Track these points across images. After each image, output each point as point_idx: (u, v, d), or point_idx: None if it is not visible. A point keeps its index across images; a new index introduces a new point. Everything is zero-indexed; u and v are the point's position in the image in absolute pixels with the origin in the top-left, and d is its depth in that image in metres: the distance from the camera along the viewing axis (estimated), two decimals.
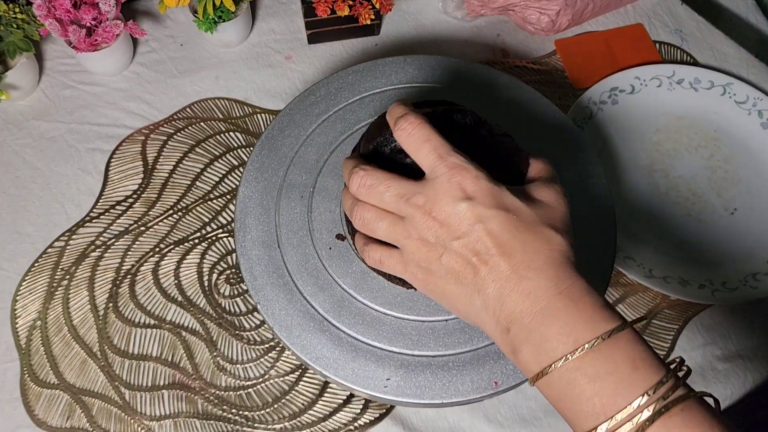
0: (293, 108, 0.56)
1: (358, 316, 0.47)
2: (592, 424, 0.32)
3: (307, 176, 0.52)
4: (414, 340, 0.46)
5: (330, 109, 0.55)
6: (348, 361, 0.45)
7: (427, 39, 0.75)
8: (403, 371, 0.45)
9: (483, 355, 0.45)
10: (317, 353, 0.46)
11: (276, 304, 0.47)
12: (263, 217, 0.51)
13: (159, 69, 0.72)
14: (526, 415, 0.55)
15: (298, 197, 0.51)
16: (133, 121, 0.69)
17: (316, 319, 0.47)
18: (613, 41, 0.75)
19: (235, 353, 0.57)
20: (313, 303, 0.47)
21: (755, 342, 0.59)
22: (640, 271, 0.60)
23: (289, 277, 0.48)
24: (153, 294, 0.59)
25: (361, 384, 0.45)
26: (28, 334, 0.57)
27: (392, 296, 0.47)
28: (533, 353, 0.34)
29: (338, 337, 0.46)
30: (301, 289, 0.48)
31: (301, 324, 0.47)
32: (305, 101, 0.56)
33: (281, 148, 0.54)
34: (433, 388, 0.44)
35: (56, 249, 0.61)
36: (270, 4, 0.77)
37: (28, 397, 0.55)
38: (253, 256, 0.49)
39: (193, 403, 0.55)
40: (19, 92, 0.68)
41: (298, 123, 0.55)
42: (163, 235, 0.62)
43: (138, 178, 0.65)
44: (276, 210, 0.51)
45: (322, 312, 0.47)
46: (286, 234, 0.50)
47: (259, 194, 0.52)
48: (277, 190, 0.52)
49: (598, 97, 0.69)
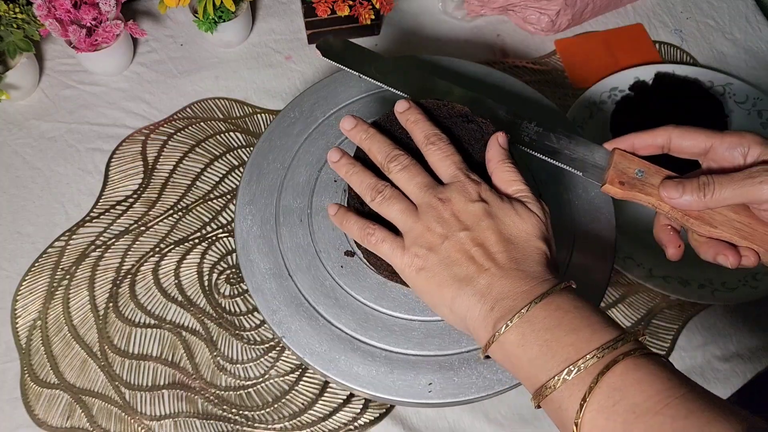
0: (272, 133, 0.54)
1: (385, 328, 0.46)
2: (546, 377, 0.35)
3: (301, 199, 0.51)
4: (446, 341, 0.46)
5: (309, 127, 0.54)
6: (386, 374, 0.45)
7: (427, 39, 0.75)
8: (441, 373, 0.45)
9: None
10: (353, 374, 0.45)
11: (301, 333, 0.46)
12: (266, 248, 0.49)
13: (159, 69, 0.72)
14: (526, 415, 0.55)
15: (297, 222, 0.50)
16: (133, 121, 0.69)
17: (344, 340, 0.46)
18: (612, 41, 0.75)
19: (235, 353, 0.57)
20: (338, 324, 0.46)
21: (755, 342, 0.59)
22: (640, 271, 0.60)
23: (308, 304, 0.47)
24: (153, 294, 0.59)
25: (406, 394, 0.44)
26: (29, 333, 0.57)
27: (414, 302, 0.47)
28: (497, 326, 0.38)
29: (371, 353, 0.45)
30: (322, 313, 0.47)
31: (331, 348, 0.46)
32: (282, 123, 0.55)
33: (268, 175, 0.52)
34: (477, 384, 0.44)
35: (56, 249, 0.61)
36: (270, 4, 0.77)
37: (29, 397, 0.55)
38: (266, 290, 0.48)
39: (193, 402, 0.55)
40: (20, 92, 0.68)
41: (279, 147, 0.54)
42: (164, 235, 0.62)
43: (138, 178, 0.65)
44: (278, 239, 0.50)
45: (349, 332, 0.46)
46: (294, 261, 0.49)
47: (258, 227, 0.50)
48: (273, 218, 0.51)
49: (598, 97, 0.69)
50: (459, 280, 0.39)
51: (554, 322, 0.36)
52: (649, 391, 0.32)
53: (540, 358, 0.35)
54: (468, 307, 0.38)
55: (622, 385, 0.33)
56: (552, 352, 0.35)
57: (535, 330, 0.36)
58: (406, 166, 0.43)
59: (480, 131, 0.46)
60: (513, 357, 0.37)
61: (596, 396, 0.33)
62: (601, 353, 0.34)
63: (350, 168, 0.45)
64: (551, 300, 0.37)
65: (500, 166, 0.43)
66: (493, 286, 0.38)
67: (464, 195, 0.41)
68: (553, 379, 0.34)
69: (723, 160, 0.42)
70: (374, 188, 0.43)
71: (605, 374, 0.33)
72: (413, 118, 0.45)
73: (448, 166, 0.43)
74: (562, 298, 0.37)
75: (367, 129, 0.45)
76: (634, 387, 0.33)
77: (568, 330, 0.36)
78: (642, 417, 0.32)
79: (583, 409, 0.33)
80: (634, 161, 0.44)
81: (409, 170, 0.43)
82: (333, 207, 0.45)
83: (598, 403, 0.33)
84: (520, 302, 0.37)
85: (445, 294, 0.39)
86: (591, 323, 0.36)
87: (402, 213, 0.42)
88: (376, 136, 0.45)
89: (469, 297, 0.38)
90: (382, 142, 0.44)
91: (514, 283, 0.38)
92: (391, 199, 0.42)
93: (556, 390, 0.34)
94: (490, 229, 0.40)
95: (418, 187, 0.42)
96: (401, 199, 0.42)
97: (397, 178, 0.43)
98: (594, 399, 0.33)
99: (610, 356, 0.34)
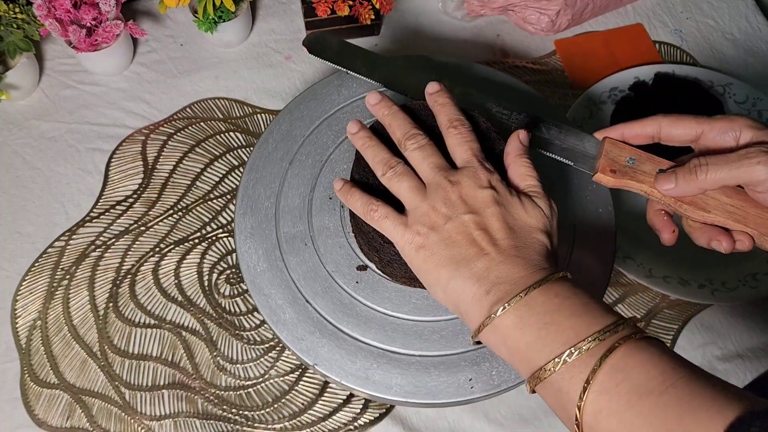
0: (256, 161, 0.54)
1: (414, 334, 0.46)
2: (543, 360, 0.35)
3: (300, 223, 0.51)
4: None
5: (291, 151, 0.54)
6: (431, 379, 0.45)
7: (427, 39, 0.75)
8: (477, 367, 0.45)
9: None
10: (394, 384, 0.45)
11: (333, 358, 0.46)
12: (277, 279, 0.49)
13: (159, 69, 0.72)
14: (526, 415, 0.55)
15: (302, 246, 0.50)
16: (133, 121, 0.69)
17: (377, 354, 0.46)
18: (612, 41, 0.75)
19: (235, 353, 0.57)
20: (368, 341, 0.47)
21: (755, 342, 0.59)
22: (640, 271, 0.60)
23: (333, 326, 0.47)
24: (153, 294, 0.59)
25: (452, 395, 0.45)
26: (29, 333, 0.57)
27: (436, 302, 0.47)
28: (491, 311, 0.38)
29: (408, 362, 0.46)
30: (348, 332, 0.47)
31: (368, 366, 0.46)
32: (264, 150, 0.54)
33: (261, 204, 0.52)
34: (511, 372, 0.45)
35: (56, 249, 0.61)
36: (270, 4, 0.77)
37: (28, 397, 0.55)
38: (287, 321, 0.47)
39: (193, 402, 0.55)
40: (20, 92, 0.68)
41: (266, 173, 0.53)
42: (164, 235, 0.62)
43: (138, 178, 0.65)
44: (286, 267, 0.49)
45: (381, 345, 0.46)
46: (308, 286, 0.48)
47: (263, 259, 0.49)
48: (277, 248, 0.50)
49: (598, 97, 0.69)
50: (456, 262, 0.39)
51: (553, 307, 0.36)
52: (653, 372, 0.33)
53: (539, 341, 0.36)
54: (463, 289, 0.39)
55: (625, 366, 0.33)
56: (551, 335, 0.35)
57: (534, 314, 0.36)
58: (422, 145, 0.43)
59: (474, 124, 0.46)
60: (509, 340, 0.37)
61: (599, 377, 0.33)
62: (602, 336, 0.34)
63: (367, 141, 0.45)
64: (550, 287, 0.37)
65: (517, 160, 0.43)
66: (491, 270, 0.38)
67: (475, 180, 0.41)
68: (553, 361, 0.34)
69: (714, 144, 0.42)
70: (387, 163, 0.44)
71: (608, 356, 0.33)
72: (441, 101, 0.46)
73: (465, 151, 0.43)
74: (561, 285, 0.37)
75: (390, 105, 0.46)
76: (637, 368, 0.33)
77: (567, 315, 0.36)
78: (646, 397, 0.32)
79: (586, 391, 0.33)
80: (625, 149, 0.45)
81: (424, 149, 0.43)
82: (339, 182, 0.46)
83: (600, 385, 0.33)
84: (518, 287, 0.37)
85: (442, 274, 0.39)
86: (590, 309, 0.36)
87: (411, 190, 0.42)
88: (398, 113, 0.46)
89: (465, 279, 0.38)
90: (403, 119, 0.45)
91: (513, 268, 0.38)
92: (402, 176, 0.43)
93: (555, 373, 0.34)
94: (495, 216, 0.40)
95: (430, 167, 0.42)
96: (412, 176, 0.43)
97: (412, 156, 0.43)
98: (596, 380, 0.33)
99: (611, 339, 0.34)
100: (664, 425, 0.31)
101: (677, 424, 0.31)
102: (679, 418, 0.31)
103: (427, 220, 0.41)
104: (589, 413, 0.33)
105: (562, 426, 0.54)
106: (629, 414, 0.32)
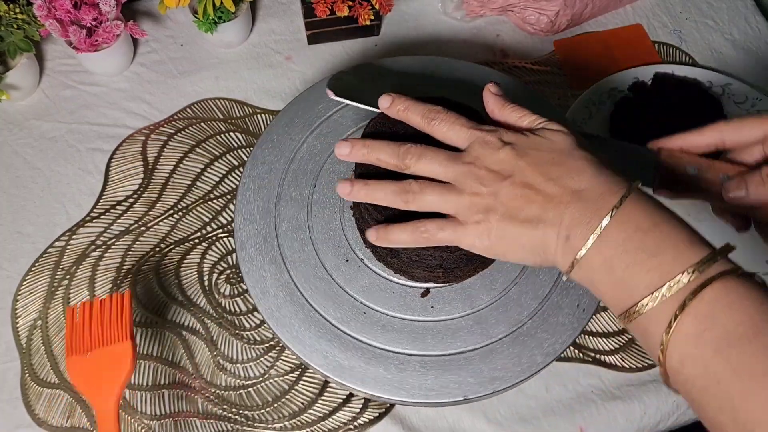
0: (256, 161, 0.54)
1: (416, 334, 0.47)
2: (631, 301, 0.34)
3: (300, 223, 0.51)
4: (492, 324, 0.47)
5: (291, 152, 0.54)
6: (431, 378, 0.45)
7: (427, 39, 0.75)
8: (476, 367, 0.46)
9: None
10: (394, 384, 0.45)
11: (333, 358, 0.46)
12: (278, 279, 0.49)
13: (159, 69, 0.72)
14: (525, 415, 0.55)
15: (302, 246, 0.50)
16: (133, 121, 0.69)
17: (377, 354, 0.46)
18: (612, 42, 0.76)
19: (235, 352, 0.57)
20: (368, 340, 0.47)
21: None
22: None
23: (333, 326, 0.47)
24: (153, 294, 0.59)
25: (452, 394, 0.45)
26: (29, 333, 0.57)
27: (436, 303, 0.48)
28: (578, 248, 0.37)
29: (407, 362, 0.46)
30: (348, 332, 0.47)
31: (367, 365, 0.46)
32: (264, 150, 0.54)
33: (260, 206, 0.52)
34: (509, 372, 0.46)
35: (57, 249, 0.61)
36: (270, 5, 0.77)
37: (29, 397, 0.55)
38: (287, 320, 0.47)
39: (193, 402, 0.55)
40: (20, 92, 0.68)
41: (266, 173, 0.53)
42: (164, 235, 0.62)
43: (138, 178, 0.65)
44: (286, 267, 0.49)
45: (381, 345, 0.47)
46: (309, 286, 0.49)
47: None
48: (277, 247, 0.50)
49: (597, 97, 0.69)
50: (527, 223, 0.38)
51: (635, 245, 0.35)
52: (742, 317, 0.31)
53: (624, 282, 0.35)
54: (545, 244, 0.38)
55: (712, 311, 0.32)
56: (636, 277, 0.34)
57: (617, 254, 0.35)
58: (420, 153, 0.42)
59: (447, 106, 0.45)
60: (596, 282, 0.36)
61: (684, 323, 0.32)
62: (687, 277, 0.32)
63: (364, 189, 0.43)
64: (625, 218, 0.35)
65: (504, 110, 0.43)
66: (562, 215, 0.37)
67: (488, 147, 0.40)
68: (638, 304, 0.34)
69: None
70: (400, 192, 0.42)
71: (692, 300, 0.32)
72: (402, 106, 0.44)
73: (458, 131, 0.42)
74: (638, 213, 0.36)
75: (364, 143, 0.44)
76: (725, 313, 0.31)
77: (650, 253, 0.34)
78: (735, 344, 0.31)
79: (668, 336, 0.32)
80: (683, 158, 0.43)
81: (425, 155, 0.42)
82: (372, 233, 0.43)
83: (685, 331, 0.32)
84: (594, 221, 0.36)
85: (523, 242, 0.39)
86: (675, 243, 0.34)
87: (441, 196, 0.41)
88: (375, 144, 0.44)
89: (543, 235, 0.38)
90: (384, 147, 0.43)
91: (577, 206, 0.37)
92: (423, 191, 0.41)
93: (642, 315, 0.33)
94: (528, 167, 0.39)
95: (442, 165, 0.41)
96: (432, 185, 0.41)
97: (418, 169, 0.42)
98: (681, 326, 0.32)
99: (698, 280, 0.32)
100: (750, 376, 0.30)
101: (763, 375, 0.30)
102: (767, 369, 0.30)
103: (478, 207, 0.39)
104: (675, 359, 0.32)
105: (562, 426, 0.54)
106: (715, 361, 0.31)
